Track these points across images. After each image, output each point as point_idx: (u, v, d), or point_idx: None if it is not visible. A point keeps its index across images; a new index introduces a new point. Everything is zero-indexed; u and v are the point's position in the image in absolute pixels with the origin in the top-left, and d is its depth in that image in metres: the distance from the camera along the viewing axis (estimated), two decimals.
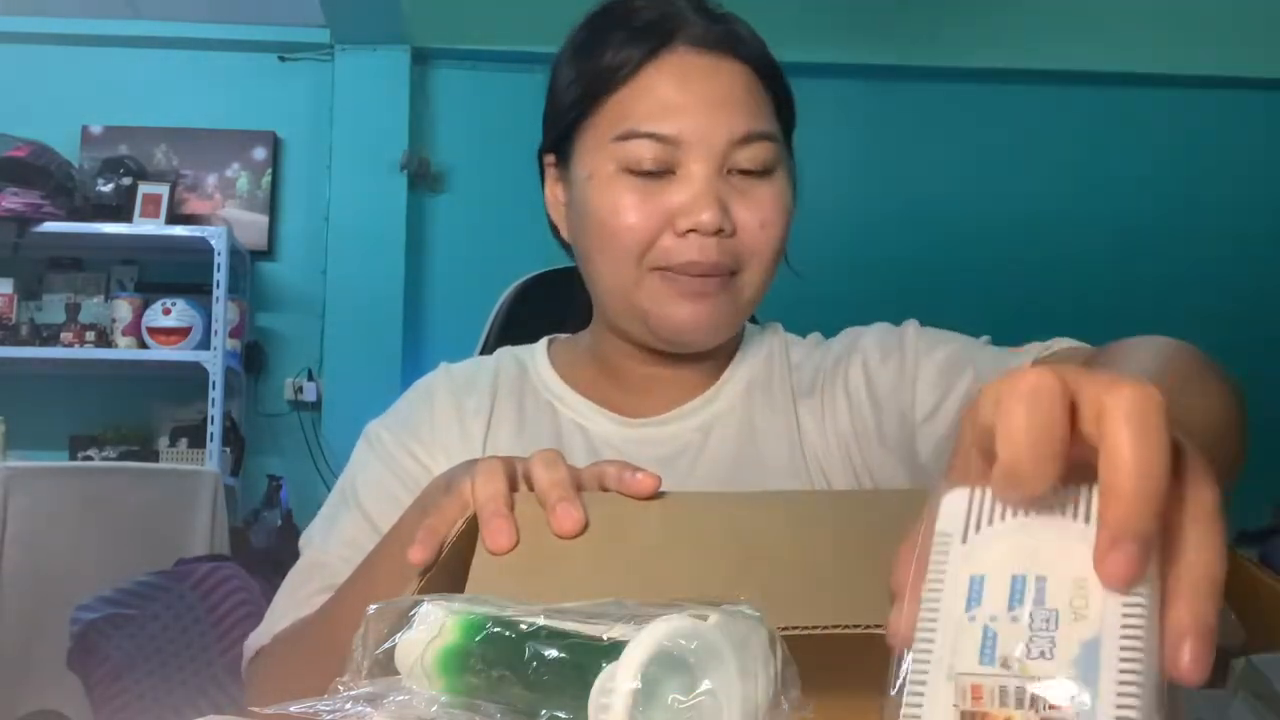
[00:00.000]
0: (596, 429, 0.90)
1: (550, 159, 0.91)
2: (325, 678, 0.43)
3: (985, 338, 0.87)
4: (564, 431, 0.90)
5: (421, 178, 3.72)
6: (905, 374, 0.85)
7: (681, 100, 0.81)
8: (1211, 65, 3.81)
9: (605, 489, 0.56)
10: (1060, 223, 3.82)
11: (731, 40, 0.84)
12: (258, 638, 0.82)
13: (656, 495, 0.55)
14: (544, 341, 0.98)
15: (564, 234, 0.91)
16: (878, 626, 0.43)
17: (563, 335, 0.99)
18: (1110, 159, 3.88)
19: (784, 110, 0.88)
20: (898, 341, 0.88)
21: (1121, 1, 3.77)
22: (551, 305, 1.06)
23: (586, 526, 0.52)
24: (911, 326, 0.90)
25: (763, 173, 0.83)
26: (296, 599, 0.81)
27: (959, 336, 0.88)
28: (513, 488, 0.56)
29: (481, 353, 1.23)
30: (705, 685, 0.34)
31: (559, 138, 0.88)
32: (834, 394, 0.89)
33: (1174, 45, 3.79)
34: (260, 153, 3.73)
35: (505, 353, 0.97)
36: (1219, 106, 3.90)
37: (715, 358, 0.92)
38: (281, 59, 3.77)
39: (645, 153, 0.81)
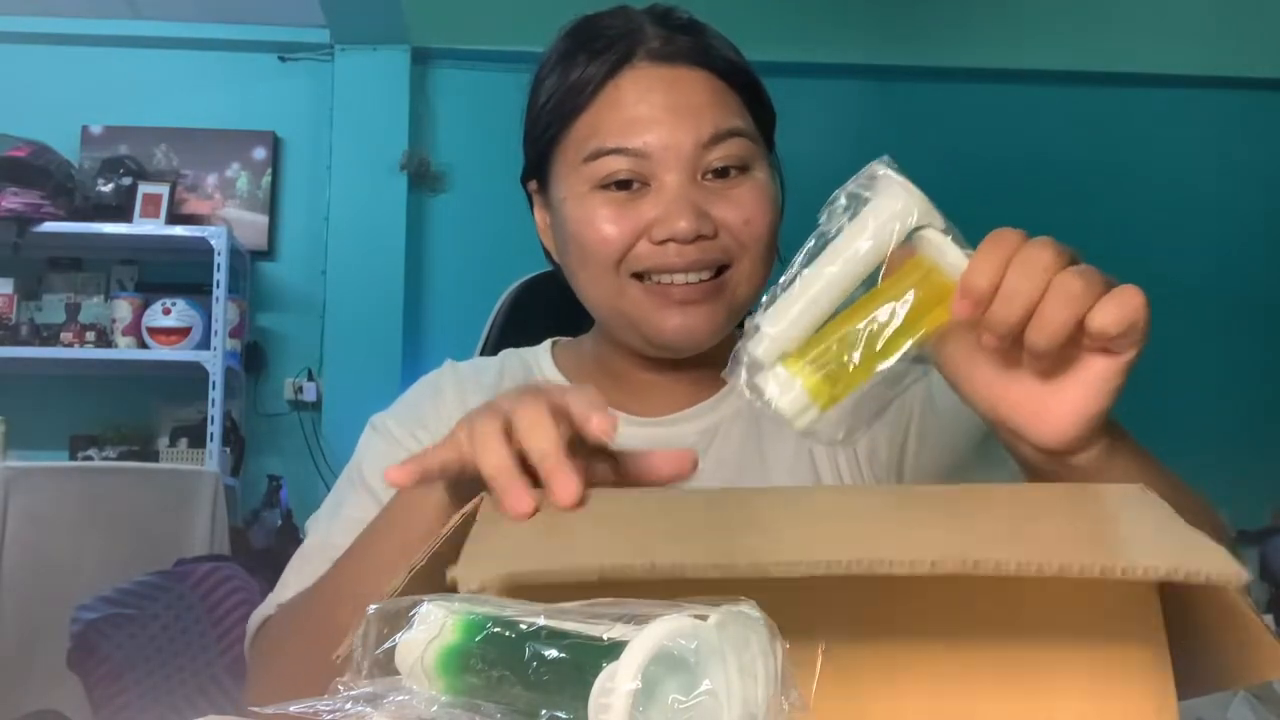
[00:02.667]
0: None
1: (533, 185, 0.92)
2: (327, 652, 0.44)
3: None
4: None
5: (421, 178, 3.72)
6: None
7: (645, 113, 0.82)
8: (1211, 65, 3.82)
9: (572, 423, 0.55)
10: (1058, 223, 3.82)
11: (692, 50, 0.85)
12: (262, 611, 0.82)
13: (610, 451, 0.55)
14: (547, 343, 0.99)
15: (555, 256, 0.92)
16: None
17: (565, 338, 1.00)
18: (1109, 159, 3.88)
19: (758, 110, 0.87)
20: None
21: (1121, 1, 3.77)
22: (551, 305, 1.06)
23: (584, 496, 0.51)
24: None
25: (740, 170, 0.83)
26: (302, 576, 0.81)
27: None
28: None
29: (481, 353, 1.24)
30: (705, 685, 0.34)
31: (537, 163, 0.90)
32: (900, 407, 0.89)
33: (1174, 45, 3.79)
34: (260, 153, 3.73)
35: (509, 353, 0.98)
36: (1218, 106, 3.90)
37: (716, 364, 0.92)
38: (281, 59, 3.77)
39: (616, 166, 0.82)
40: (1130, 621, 0.47)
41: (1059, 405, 0.59)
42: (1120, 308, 0.55)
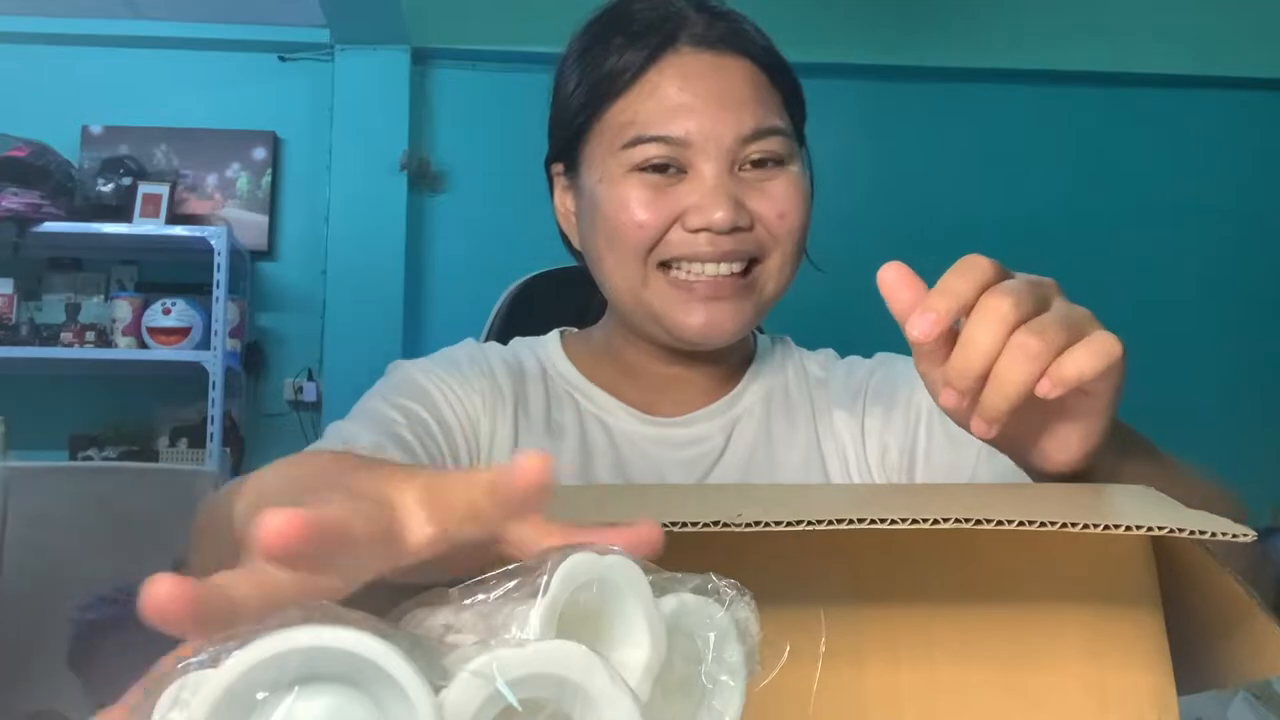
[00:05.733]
0: (618, 424, 0.89)
1: (558, 169, 0.90)
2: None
3: None
4: (586, 424, 0.89)
5: (421, 178, 3.72)
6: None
7: (687, 101, 0.81)
8: (1212, 65, 3.81)
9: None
10: (1060, 223, 3.82)
11: (735, 37, 0.83)
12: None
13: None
14: (555, 334, 0.96)
15: (575, 243, 0.90)
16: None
17: (573, 329, 0.98)
18: (1110, 159, 3.88)
19: (793, 104, 0.87)
20: None
21: (1121, 1, 3.77)
22: (551, 305, 1.06)
23: None
24: None
25: (776, 164, 0.82)
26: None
27: None
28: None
29: None
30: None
31: (565, 146, 0.88)
32: (908, 405, 0.87)
33: (1174, 45, 3.79)
34: (260, 153, 3.73)
35: (520, 343, 0.96)
36: (1219, 106, 3.90)
37: (730, 361, 0.92)
38: (281, 59, 3.77)
39: (653, 153, 0.81)
40: (1128, 593, 0.47)
41: (1050, 442, 0.57)
42: (1092, 356, 0.50)
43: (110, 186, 3.43)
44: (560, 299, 0.97)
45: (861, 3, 3.70)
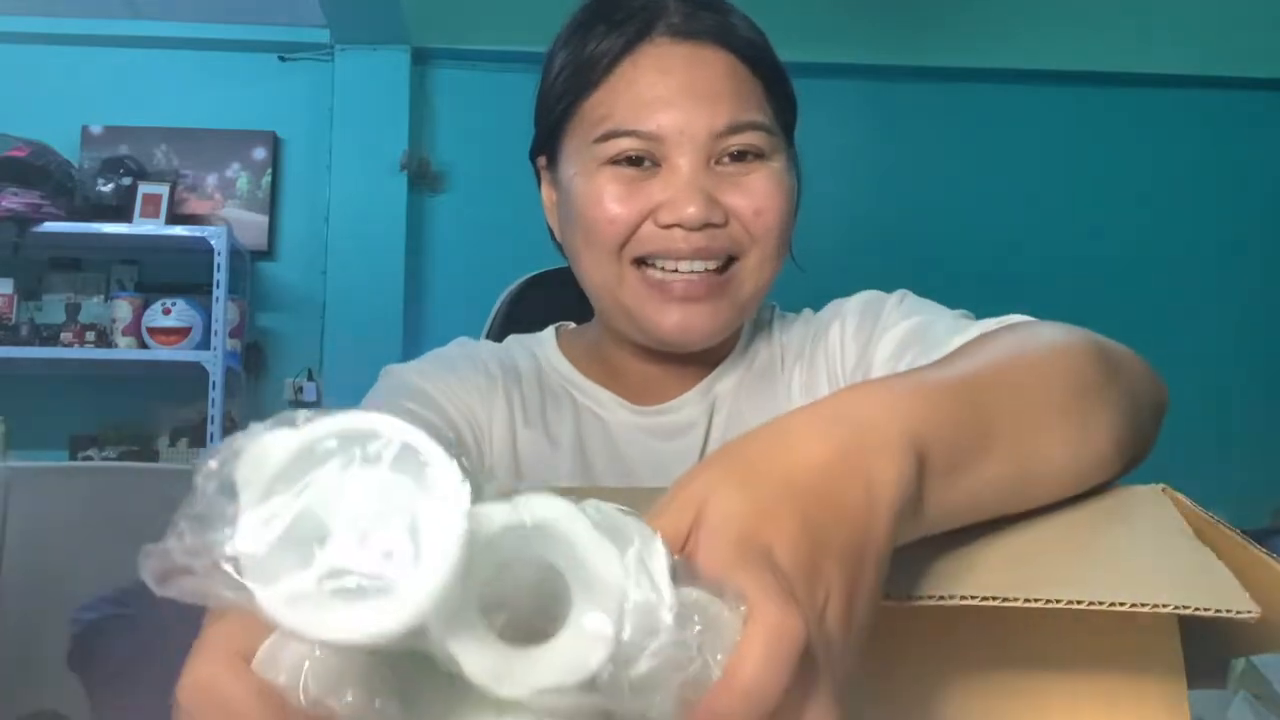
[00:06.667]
0: (612, 417, 0.89)
1: (542, 161, 0.90)
2: None
3: (960, 310, 0.81)
4: (582, 418, 0.89)
5: (421, 178, 3.72)
6: (870, 345, 0.82)
7: (660, 93, 0.79)
8: (1211, 65, 3.81)
9: None
10: (1060, 223, 3.82)
11: (715, 28, 0.82)
12: None
13: None
14: (550, 331, 0.96)
15: (558, 235, 0.90)
16: None
17: (569, 324, 0.98)
18: (1110, 159, 3.88)
19: (779, 98, 0.85)
20: (876, 310, 0.85)
21: (1121, 1, 3.77)
22: (551, 305, 1.06)
23: None
24: (894, 296, 0.87)
25: (755, 159, 0.81)
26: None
27: (936, 308, 0.82)
28: None
29: None
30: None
31: (547, 137, 0.87)
32: (816, 364, 0.87)
33: (1176, 45, 3.78)
34: (260, 153, 3.73)
35: (515, 341, 0.96)
36: (1219, 107, 3.90)
37: (715, 355, 0.91)
38: (281, 59, 3.77)
39: (627, 146, 0.80)
40: (1148, 660, 0.47)
41: None
42: None
43: (110, 186, 3.43)
44: (560, 299, 0.97)
45: (861, 3, 3.70)
